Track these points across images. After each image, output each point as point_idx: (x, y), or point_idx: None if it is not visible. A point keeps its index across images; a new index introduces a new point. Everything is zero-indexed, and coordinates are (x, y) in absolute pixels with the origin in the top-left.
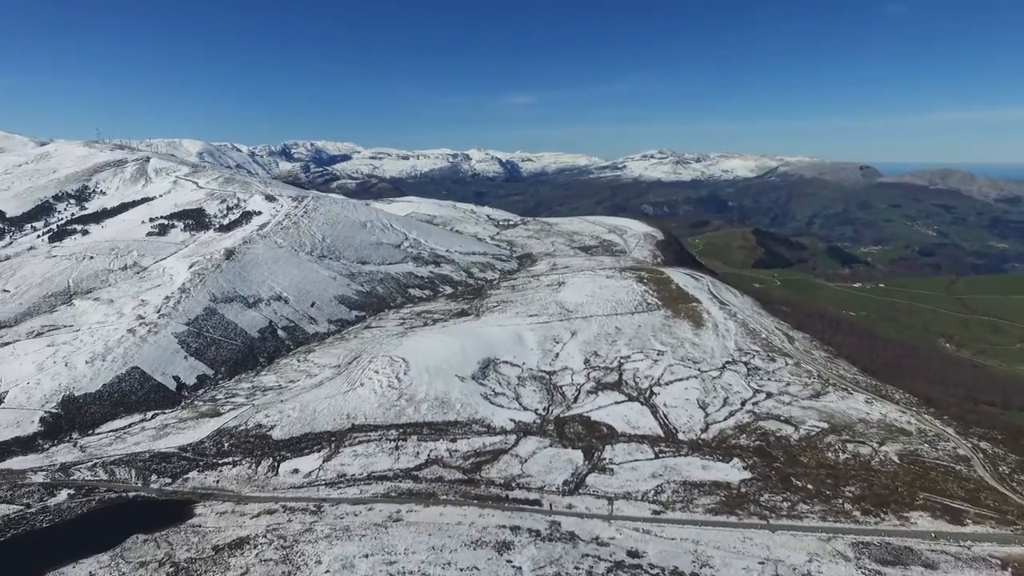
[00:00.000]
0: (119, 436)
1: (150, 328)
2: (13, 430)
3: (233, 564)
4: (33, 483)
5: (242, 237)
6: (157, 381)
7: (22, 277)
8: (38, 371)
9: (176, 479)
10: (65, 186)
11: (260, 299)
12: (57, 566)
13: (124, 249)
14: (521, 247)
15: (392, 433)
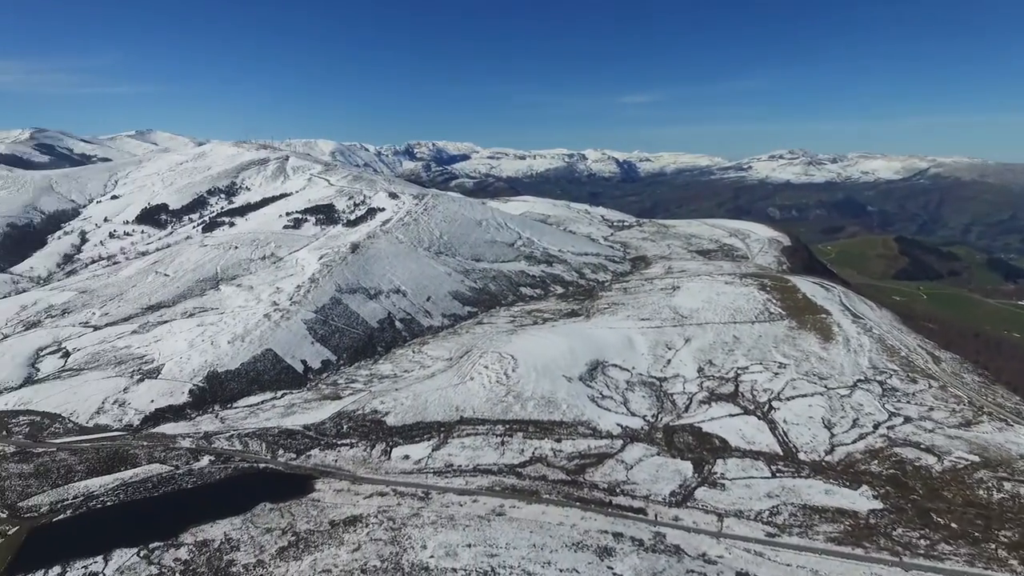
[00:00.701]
0: (253, 411)
1: (283, 314)
2: (167, 399)
3: (347, 539)
4: (181, 448)
5: (366, 232)
6: (287, 363)
7: (179, 264)
8: (189, 348)
9: (300, 455)
10: (217, 182)
11: (380, 291)
12: (198, 523)
13: (264, 241)
14: (635, 249)
15: (498, 428)
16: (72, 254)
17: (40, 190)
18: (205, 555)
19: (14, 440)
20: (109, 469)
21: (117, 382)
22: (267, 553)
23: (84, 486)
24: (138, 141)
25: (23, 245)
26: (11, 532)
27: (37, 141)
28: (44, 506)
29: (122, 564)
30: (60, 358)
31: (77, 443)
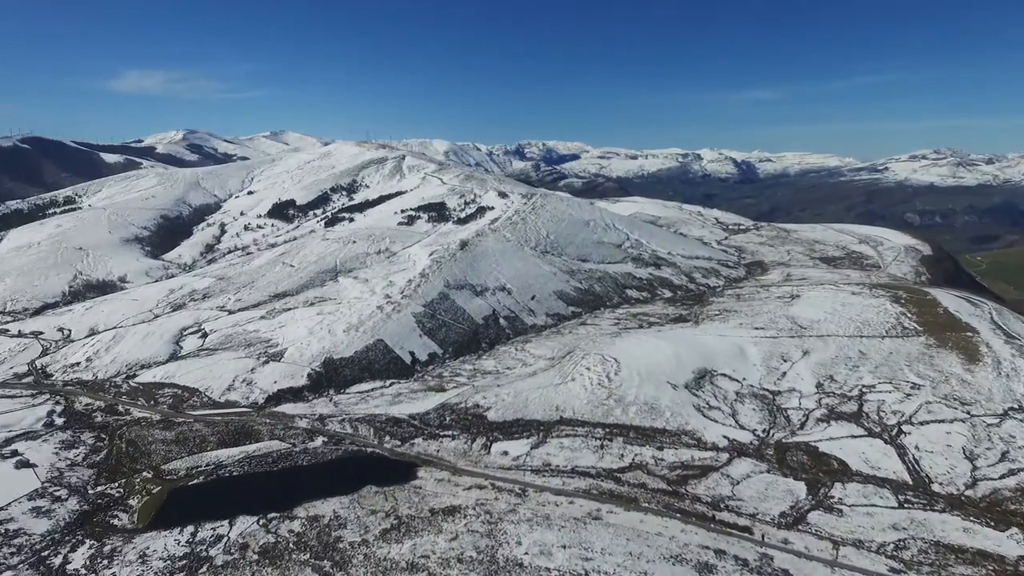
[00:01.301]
0: (363, 398)
1: (394, 307)
2: (288, 381)
3: (445, 528)
4: (299, 427)
5: (475, 230)
6: (396, 354)
7: (303, 256)
8: (309, 334)
9: (404, 443)
10: (339, 180)
11: (486, 288)
12: (311, 499)
13: (379, 236)
14: (751, 254)
15: (598, 431)
16: (213, 244)
17: (189, 186)
18: (316, 529)
19: (159, 409)
20: (236, 442)
21: (246, 363)
22: (371, 533)
23: (215, 455)
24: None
25: (174, 235)
26: (155, 490)
27: (188, 142)
28: (182, 470)
29: (244, 530)
30: (200, 338)
31: (210, 416)
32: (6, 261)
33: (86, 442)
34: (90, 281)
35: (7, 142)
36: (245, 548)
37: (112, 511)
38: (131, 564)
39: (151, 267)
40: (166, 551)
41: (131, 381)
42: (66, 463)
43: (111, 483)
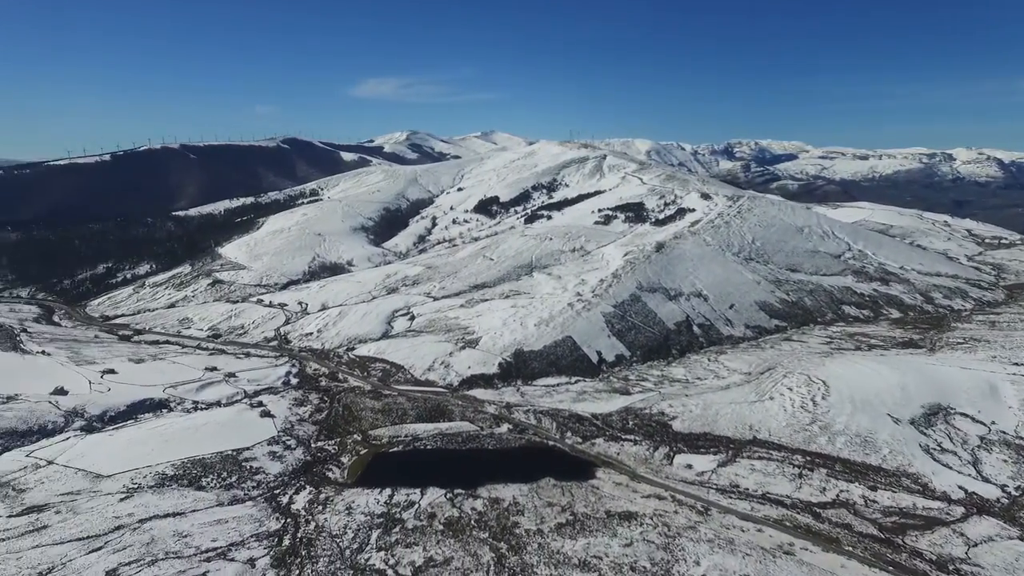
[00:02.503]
0: (548, 391)
1: (585, 305)
2: (481, 368)
3: (620, 533)
4: (487, 413)
5: (673, 232)
6: (583, 352)
7: (502, 250)
8: (502, 325)
9: (585, 441)
10: (541, 179)
11: (681, 293)
12: (493, 482)
13: (575, 234)
14: (1015, 274)
15: (797, 458)
16: (424, 235)
17: (408, 182)
18: (496, 511)
19: (371, 380)
20: (432, 418)
21: (445, 347)
22: (547, 525)
23: (413, 428)
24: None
25: (393, 225)
26: (362, 453)
27: (411, 141)
28: (385, 438)
29: (433, 500)
30: (408, 320)
31: (412, 391)
32: (264, 243)
33: (312, 402)
34: (325, 263)
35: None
36: (432, 517)
37: (328, 465)
38: (339, 513)
39: (372, 253)
40: (367, 507)
41: (350, 353)
42: (296, 418)
43: (329, 440)
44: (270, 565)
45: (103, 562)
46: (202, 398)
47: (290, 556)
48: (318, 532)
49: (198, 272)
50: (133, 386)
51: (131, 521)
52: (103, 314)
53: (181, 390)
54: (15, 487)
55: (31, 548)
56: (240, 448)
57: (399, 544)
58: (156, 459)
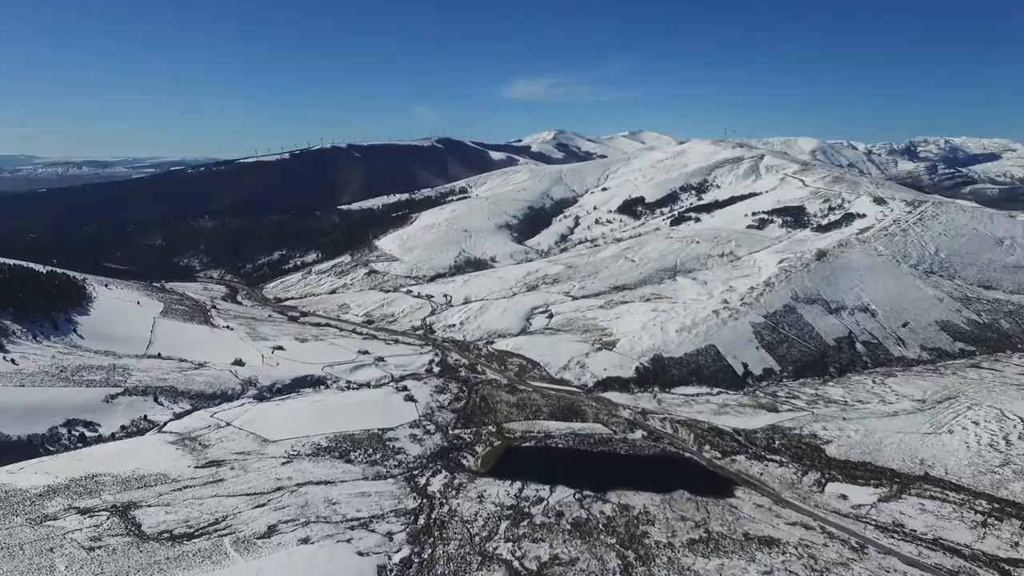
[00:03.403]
0: (687, 401)
1: (732, 313)
2: (617, 370)
3: (759, 559)
4: (621, 417)
5: (838, 239)
6: (727, 363)
7: (645, 252)
8: (641, 329)
9: (724, 456)
10: (690, 179)
11: (843, 307)
12: (623, 487)
13: (724, 238)
14: None
15: (981, 503)
16: (566, 234)
17: (553, 181)
18: (625, 518)
19: (507, 375)
20: (565, 417)
21: (581, 347)
22: (678, 539)
23: (546, 425)
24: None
25: (536, 224)
26: (496, 444)
27: (557, 141)
28: (518, 432)
29: (561, 499)
30: (546, 318)
31: (546, 389)
32: (416, 237)
33: (452, 391)
34: (470, 258)
35: (427, 143)
36: (560, 516)
37: (463, 452)
38: (471, 500)
39: (515, 251)
40: (498, 498)
41: (489, 346)
42: (437, 404)
43: (465, 429)
44: (406, 541)
45: (265, 517)
46: (355, 378)
47: (424, 535)
48: (451, 515)
49: (357, 262)
50: (297, 363)
51: (290, 484)
52: (276, 296)
53: (337, 369)
54: (201, 442)
55: (210, 497)
56: (385, 428)
57: (526, 538)
58: (313, 430)
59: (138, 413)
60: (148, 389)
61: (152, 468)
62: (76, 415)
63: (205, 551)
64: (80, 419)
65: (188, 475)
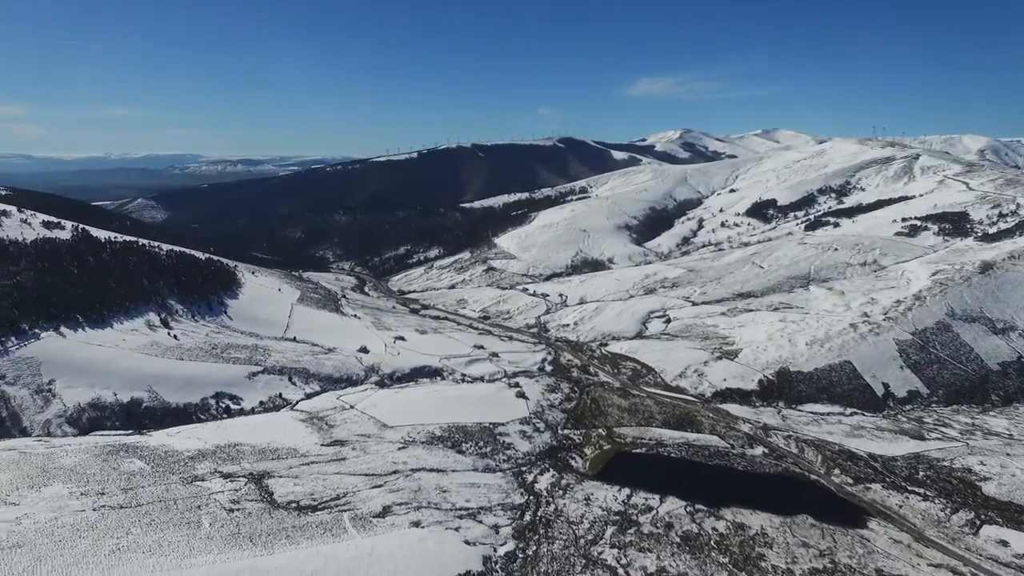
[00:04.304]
0: (815, 420)
1: (872, 328)
2: (738, 381)
3: None
4: (740, 431)
5: (1009, 251)
6: (864, 381)
7: (775, 258)
8: (767, 339)
9: (857, 483)
10: (830, 181)
11: (1013, 327)
12: (739, 505)
13: (867, 246)
14: None
15: None
16: (688, 237)
17: (677, 182)
18: (740, 537)
19: (619, 378)
20: (679, 426)
21: (699, 354)
22: (799, 566)
23: (658, 433)
24: (762, 139)
25: (657, 225)
26: (605, 448)
27: (683, 140)
28: (628, 437)
29: (672, 510)
30: (663, 322)
31: (660, 395)
32: (534, 236)
33: (563, 390)
34: (587, 258)
35: (548, 143)
36: (669, 527)
37: (571, 453)
38: (578, 502)
39: (633, 252)
40: (605, 502)
41: (603, 348)
42: (547, 403)
43: (575, 430)
44: (511, 535)
45: (381, 498)
46: (469, 372)
47: (529, 531)
48: (556, 515)
49: (476, 259)
50: (416, 353)
51: (405, 468)
52: (400, 289)
53: (453, 362)
54: (327, 422)
55: (333, 474)
56: (496, 422)
57: (632, 546)
58: (428, 419)
59: (275, 391)
60: (284, 369)
61: (285, 442)
62: (223, 388)
63: (326, 524)
64: (226, 392)
65: (315, 452)
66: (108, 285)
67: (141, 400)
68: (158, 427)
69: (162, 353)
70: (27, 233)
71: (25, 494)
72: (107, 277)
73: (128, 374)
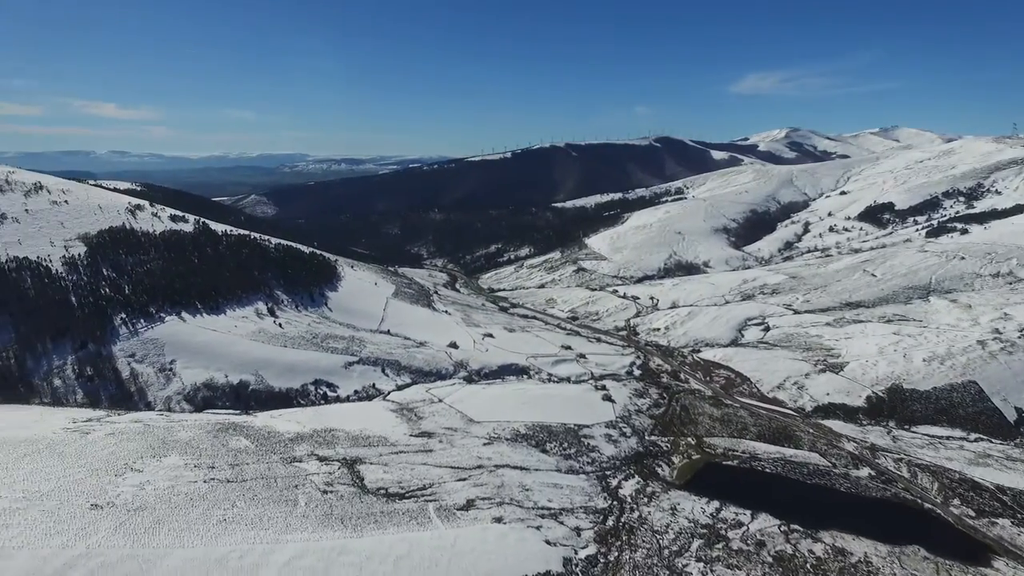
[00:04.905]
0: (932, 443)
1: (1005, 346)
2: (842, 397)
3: None
4: (844, 450)
5: None
6: (993, 404)
7: (890, 266)
8: (878, 354)
9: (981, 516)
10: (958, 183)
11: None
12: (840, 529)
13: (1002, 255)
14: None
15: None
16: (792, 242)
17: (781, 183)
18: (839, 563)
19: (712, 387)
20: (774, 440)
21: (800, 366)
22: None
23: (751, 446)
24: (880, 138)
25: (757, 228)
26: (694, 457)
27: (789, 139)
28: (719, 448)
29: (764, 528)
30: (761, 331)
31: (755, 407)
32: (626, 237)
33: (651, 396)
34: (680, 261)
35: (644, 142)
36: (761, 546)
37: (658, 460)
38: (663, 511)
39: (731, 256)
40: (692, 514)
41: (694, 355)
42: (635, 408)
43: (662, 437)
44: (593, 539)
45: (465, 491)
46: (556, 372)
47: (612, 536)
48: (640, 522)
49: (566, 259)
50: (504, 351)
51: (489, 464)
52: (489, 287)
53: (540, 361)
54: (416, 414)
55: (421, 464)
56: (581, 424)
57: (720, 562)
58: (514, 417)
59: (368, 381)
60: (378, 361)
61: (376, 431)
62: (322, 376)
63: (412, 512)
64: (324, 380)
65: (404, 441)
66: (223, 275)
67: (248, 383)
68: (262, 409)
69: (268, 340)
70: (157, 225)
71: (148, 462)
72: (223, 267)
73: (238, 358)
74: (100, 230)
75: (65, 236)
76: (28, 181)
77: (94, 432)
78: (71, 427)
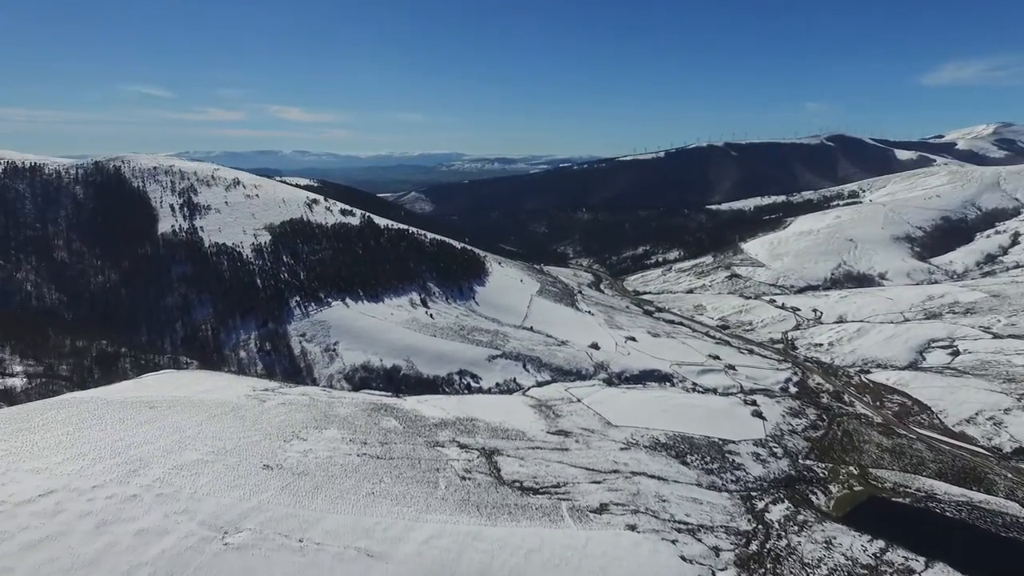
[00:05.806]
0: None
1: None
2: None
3: None
4: None
5: None
6: None
7: None
8: None
9: None
10: None
11: None
12: None
13: None
14: None
15: None
16: (996, 255)
17: (984, 186)
18: None
19: (883, 413)
20: (960, 482)
21: (999, 399)
22: None
23: (929, 484)
24: None
25: (949, 238)
26: (856, 489)
27: (998, 136)
28: (888, 482)
29: None
30: (948, 355)
31: (936, 441)
32: (788, 243)
33: (808, 416)
34: (851, 272)
35: (814, 141)
36: None
37: (812, 487)
38: (816, 544)
39: (914, 268)
40: (851, 551)
41: (862, 376)
42: (788, 428)
43: (819, 462)
44: (733, 561)
45: (599, 494)
46: (701, 382)
47: (755, 562)
48: (788, 552)
49: (718, 264)
50: (646, 355)
51: (625, 470)
52: (635, 289)
53: (684, 369)
54: (554, 411)
55: (556, 462)
56: (726, 439)
57: None
58: (653, 424)
59: (510, 375)
60: (519, 356)
61: (514, 424)
62: (466, 367)
63: (545, 508)
64: (469, 371)
65: (541, 438)
66: (383, 266)
67: (400, 368)
68: (411, 393)
69: (419, 329)
70: (328, 218)
71: (311, 433)
72: (383, 258)
73: (392, 344)
74: (283, 221)
75: (255, 226)
76: (228, 177)
77: (269, 401)
78: (251, 394)
